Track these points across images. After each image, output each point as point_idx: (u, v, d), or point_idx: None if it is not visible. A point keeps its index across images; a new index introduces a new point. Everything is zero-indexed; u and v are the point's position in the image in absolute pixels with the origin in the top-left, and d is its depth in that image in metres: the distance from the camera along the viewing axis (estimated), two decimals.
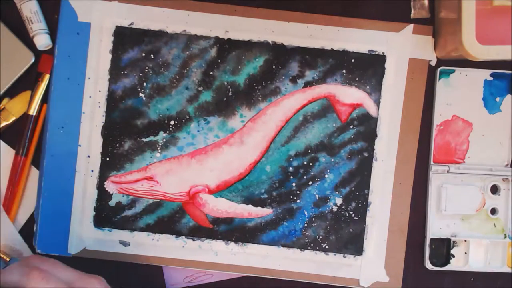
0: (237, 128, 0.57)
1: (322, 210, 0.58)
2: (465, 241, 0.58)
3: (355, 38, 0.57)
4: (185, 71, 0.57)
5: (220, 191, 0.58)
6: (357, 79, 0.57)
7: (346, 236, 0.58)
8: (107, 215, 0.58)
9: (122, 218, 0.58)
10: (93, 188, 0.58)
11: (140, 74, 0.57)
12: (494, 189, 0.59)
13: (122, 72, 0.57)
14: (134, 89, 0.57)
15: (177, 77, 0.57)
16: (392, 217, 0.58)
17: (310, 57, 0.57)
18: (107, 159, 0.58)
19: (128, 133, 0.57)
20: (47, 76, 0.57)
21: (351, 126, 0.57)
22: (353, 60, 0.57)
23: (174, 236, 0.58)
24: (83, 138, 0.57)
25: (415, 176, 0.58)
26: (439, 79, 0.58)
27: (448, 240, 0.58)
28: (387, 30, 0.57)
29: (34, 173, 0.58)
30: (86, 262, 0.58)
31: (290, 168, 0.58)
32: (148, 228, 0.58)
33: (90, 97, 0.57)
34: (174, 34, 0.57)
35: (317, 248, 0.58)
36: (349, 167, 0.58)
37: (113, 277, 0.59)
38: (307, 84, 0.57)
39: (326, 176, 0.58)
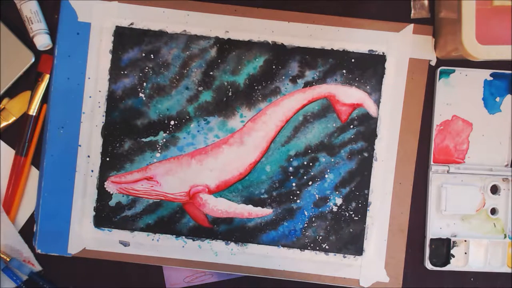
0: (237, 128, 0.57)
1: (322, 210, 0.58)
2: (465, 241, 0.58)
3: (355, 38, 0.57)
4: (185, 71, 0.57)
5: (220, 191, 0.58)
6: (357, 79, 0.57)
7: (346, 236, 0.58)
8: (107, 215, 0.58)
9: (122, 218, 0.58)
10: (93, 188, 0.58)
11: (140, 74, 0.57)
12: (494, 189, 0.59)
13: (122, 72, 0.57)
14: (134, 89, 0.57)
15: (177, 77, 0.57)
16: (392, 217, 0.58)
17: (310, 57, 0.57)
18: (107, 159, 0.58)
19: (128, 133, 0.57)
20: (47, 76, 0.57)
21: (351, 126, 0.57)
22: (353, 60, 0.57)
23: (174, 236, 0.58)
24: (83, 138, 0.57)
25: (415, 176, 0.58)
26: (439, 79, 0.58)
27: (448, 240, 0.58)
28: (387, 30, 0.57)
29: (34, 173, 0.58)
30: (86, 262, 0.58)
31: (290, 168, 0.58)
32: (148, 228, 0.58)
33: (90, 97, 0.57)
34: (174, 34, 0.57)
35: (317, 248, 0.58)
36: (349, 167, 0.58)
37: (113, 277, 0.59)
38: (307, 84, 0.57)
39: (326, 176, 0.58)
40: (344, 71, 0.57)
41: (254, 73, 0.57)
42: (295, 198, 0.58)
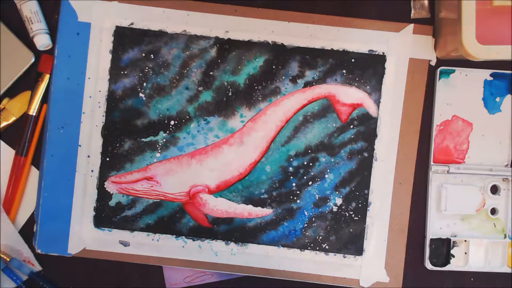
0: (237, 128, 0.57)
1: (322, 210, 0.58)
2: (465, 241, 0.58)
3: (355, 38, 0.57)
4: (185, 71, 0.57)
5: (220, 191, 0.58)
6: (357, 79, 0.57)
7: (346, 236, 0.58)
8: (107, 215, 0.58)
9: (122, 218, 0.58)
10: (93, 188, 0.58)
11: (140, 74, 0.57)
12: (494, 189, 0.59)
13: (122, 72, 0.57)
14: (134, 89, 0.57)
15: (177, 77, 0.57)
16: (392, 217, 0.58)
17: (310, 57, 0.57)
18: (107, 159, 0.58)
19: (128, 133, 0.57)
20: (47, 76, 0.57)
21: (351, 126, 0.57)
22: (353, 60, 0.57)
23: (174, 236, 0.58)
24: (83, 138, 0.57)
25: (415, 176, 0.58)
26: (439, 79, 0.58)
27: (448, 240, 0.58)
28: (387, 30, 0.57)
29: (34, 173, 0.58)
30: (86, 262, 0.58)
31: (290, 168, 0.58)
32: (148, 228, 0.58)
33: (90, 97, 0.57)
34: (174, 34, 0.57)
35: (317, 248, 0.58)
36: (349, 167, 0.58)
37: (113, 277, 0.59)
38: (307, 84, 0.57)
39: (326, 176, 0.58)
40: (344, 71, 0.57)
41: (254, 73, 0.57)
42: (295, 198, 0.58)
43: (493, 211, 0.59)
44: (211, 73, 0.57)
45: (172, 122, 0.57)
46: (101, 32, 0.57)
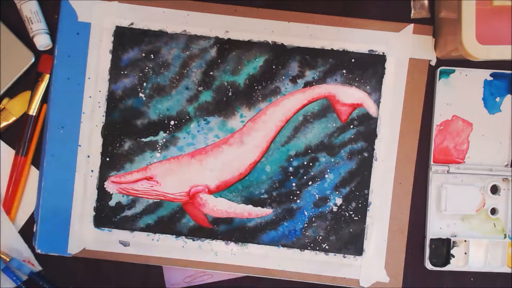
0: (237, 128, 0.57)
1: (322, 210, 0.58)
2: (465, 241, 0.58)
3: (355, 38, 0.57)
4: (185, 71, 0.57)
5: (220, 191, 0.58)
6: (357, 79, 0.57)
7: (346, 236, 0.58)
8: (107, 215, 0.58)
9: (122, 218, 0.58)
10: (93, 188, 0.58)
11: (140, 74, 0.57)
12: (494, 189, 0.59)
13: (122, 72, 0.57)
14: (134, 89, 0.57)
15: (177, 77, 0.57)
16: (392, 217, 0.58)
17: (310, 57, 0.57)
18: (107, 159, 0.58)
19: (128, 133, 0.57)
20: (47, 76, 0.57)
21: (351, 126, 0.57)
22: (353, 60, 0.57)
23: (174, 236, 0.58)
24: (83, 138, 0.57)
25: (415, 176, 0.58)
26: (439, 79, 0.58)
27: (448, 240, 0.58)
28: (387, 30, 0.57)
29: (34, 173, 0.58)
30: (86, 262, 0.58)
31: (290, 168, 0.58)
32: (148, 228, 0.58)
33: (90, 97, 0.57)
34: (174, 34, 0.57)
35: (317, 248, 0.58)
36: (349, 167, 0.58)
37: (113, 277, 0.59)
38: (307, 84, 0.57)
39: (326, 176, 0.58)
40: (344, 71, 0.57)
41: (254, 73, 0.57)
42: (295, 198, 0.58)
43: (493, 211, 0.59)
44: (211, 73, 0.57)
45: (172, 122, 0.57)
46: (101, 32, 0.57)
